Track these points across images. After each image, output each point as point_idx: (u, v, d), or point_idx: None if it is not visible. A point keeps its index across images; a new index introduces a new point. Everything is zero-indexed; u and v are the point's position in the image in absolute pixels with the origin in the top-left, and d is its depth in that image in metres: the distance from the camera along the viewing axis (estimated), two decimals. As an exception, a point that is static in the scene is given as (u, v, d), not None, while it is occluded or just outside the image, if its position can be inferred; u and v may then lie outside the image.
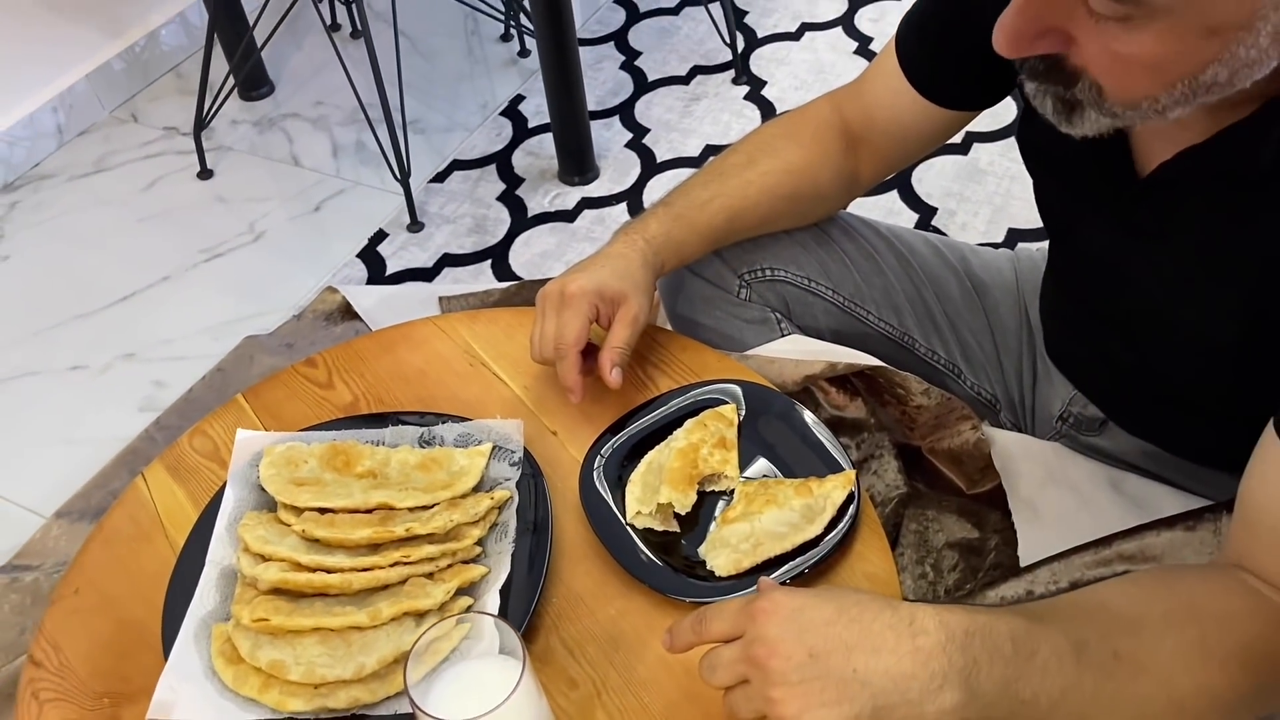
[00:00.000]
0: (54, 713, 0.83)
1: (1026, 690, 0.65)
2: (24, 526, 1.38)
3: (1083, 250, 0.92)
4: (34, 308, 1.72)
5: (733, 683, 0.68)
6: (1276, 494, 0.70)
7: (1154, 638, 0.68)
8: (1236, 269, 0.74)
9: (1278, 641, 0.68)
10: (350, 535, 0.85)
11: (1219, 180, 0.73)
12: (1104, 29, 0.63)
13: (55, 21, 2.01)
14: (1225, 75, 0.63)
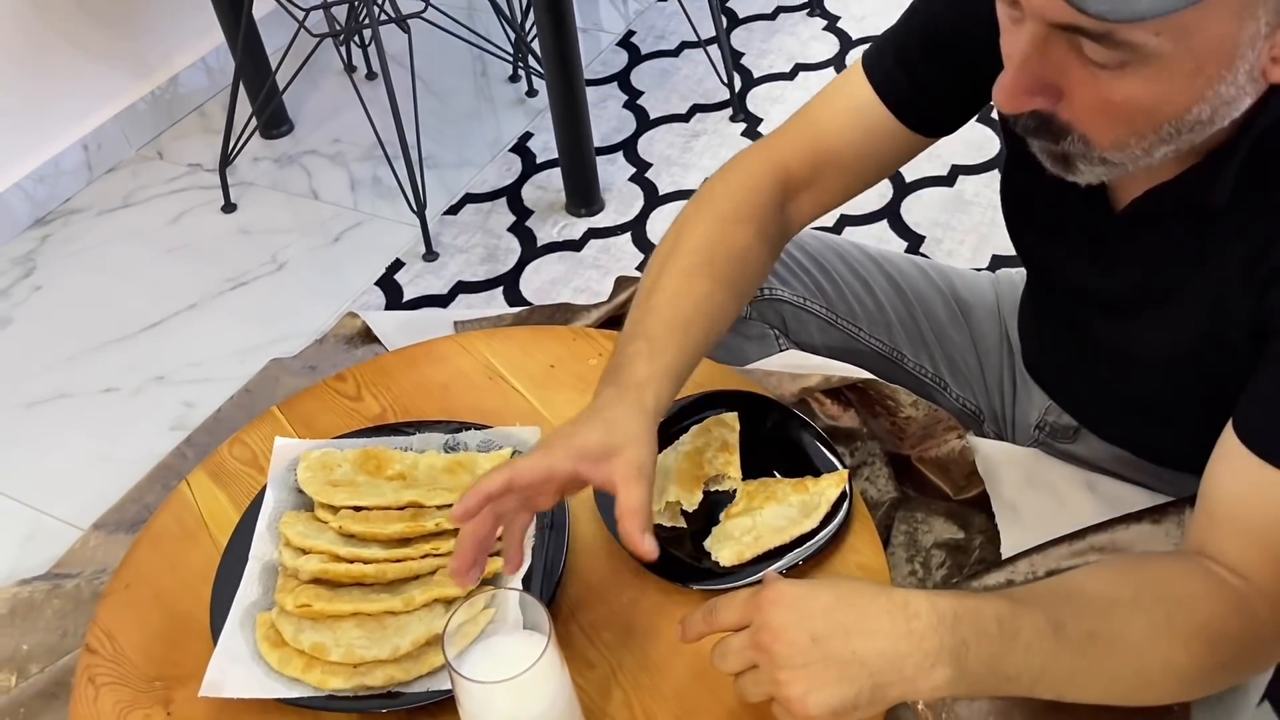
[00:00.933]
0: (109, 695, 0.88)
1: (1010, 667, 0.70)
2: (63, 538, 1.43)
3: (1059, 281, 0.97)
4: (67, 334, 1.78)
5: (742, 668, 0.72)
6: (1234, 487, 0.75)
7: (1124, 618, 0.73)
8: (1196, 291, 0.79)
9: (1235, 622, 0.72)
10: (384, 530, 0.91)
11: (1183, 214, 0.78)
12: (1097, 78, 0.66)
13: (85, 65, 2.09)
14: (1208, 113, 0.67)
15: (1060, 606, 0.73)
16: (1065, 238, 0.92)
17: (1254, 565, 0.73)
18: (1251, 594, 0.72)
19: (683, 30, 2.33)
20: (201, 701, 0.85)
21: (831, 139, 0.97)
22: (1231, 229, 0.75)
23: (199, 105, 2.31)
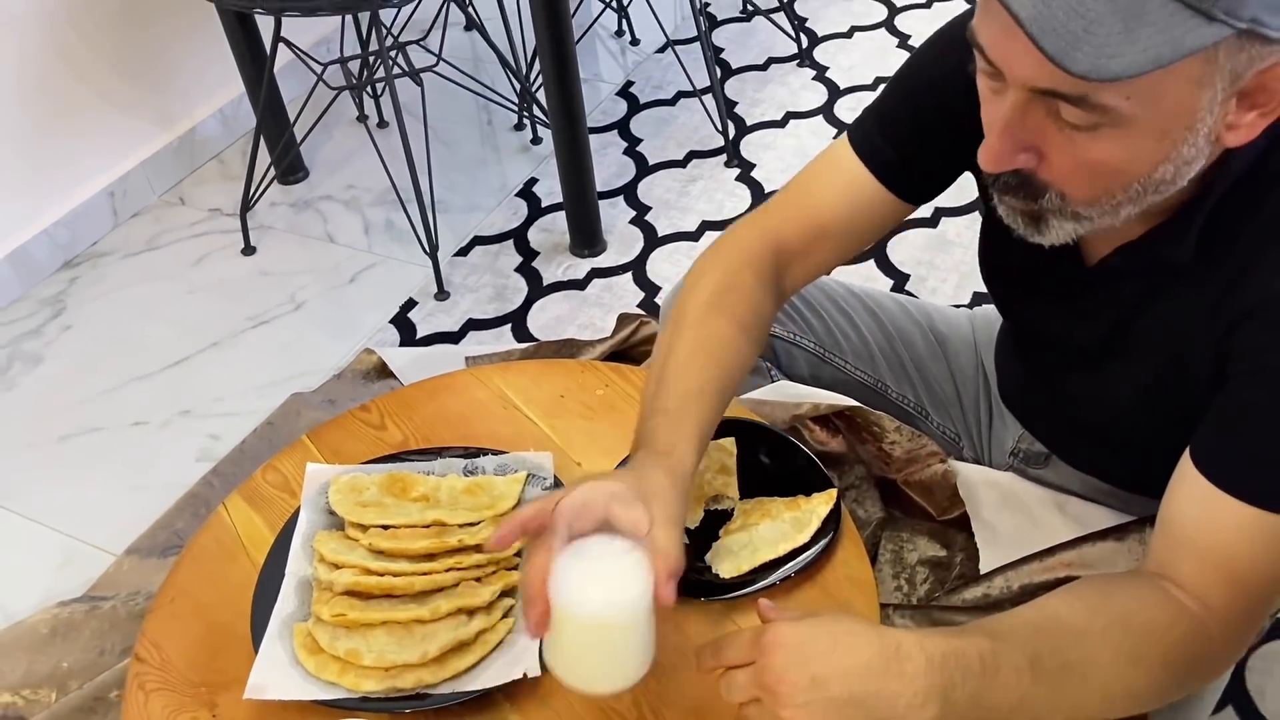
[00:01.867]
0: (158, 700, 0.94)
1: (991, 701, 0.75)
2: (97, 562, 1.48)
3: (1035, 332, 1.02)
4: (96, 371, 1.84)
5: (746, 700, 0.77)
6: (1190, 511, 0.80)
7: (1094, 650, 0.78)
8: (1160, 341, 0.85)
9: (1191, 646, 0.78)
10: (410, 546, 0.97)
11: (1148, 270, 0.84)
12: (1073, 140, 0.71)
13: (111, 116, 2.16)
14: (1171, 173, 0.73)
15: (1037, 640, 0.78)
16: (1040, 294, 0.97)
17: (1207, 587, 0.78)
18: (1206, 616, 0.78)
19: (679, 81, 2.41)
20: (244, 704, 0.91)
21: (825, 211, 1.01)
22: (1193, 283, 0.80)
23: (218, 153, 2.39)
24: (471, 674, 0.89)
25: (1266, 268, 0.75)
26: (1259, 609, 0.79)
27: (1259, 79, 0.68)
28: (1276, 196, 0.76)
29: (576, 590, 0.76)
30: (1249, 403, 0.77)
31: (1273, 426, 0.76)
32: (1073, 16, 0.63)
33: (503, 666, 0.89)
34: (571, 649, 0.80)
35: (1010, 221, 0.81)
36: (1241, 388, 0.77)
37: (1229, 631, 0.78)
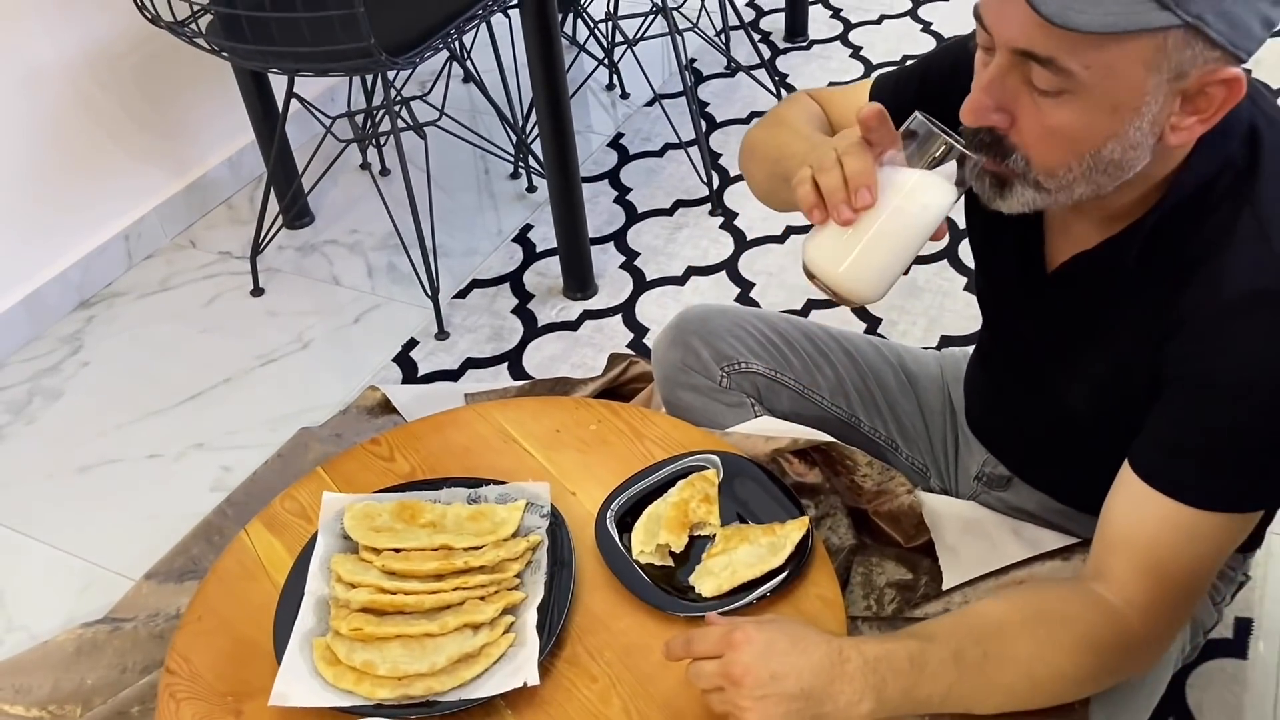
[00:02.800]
0: (188, 708, 1.00)
1: (921, 693, 0.85)
2: (116, 587, 1.54)
3: (1004, 331, 1.12)
4: (113, 405, 1.90)
5: (712, 688, 0.87)
6: (1123, 510, 0.89)
7: (1013, 638, 0.87)
8: (1107, 343, 0.94)
9: (1109, 631, 0.86)
10: (420, 567, 1.04)
11: (1101, 276, 0.93)
12: (1040, 105, 0.80)
13: (128, 164, 2.24)
14: (1119, 153, 0.81)
15: (960, 636, 0.88)
16: (1011, 295, 1.07)
17: (1133, 581, 0.87)
18: (1125, 607, 0.87)
19: (666, 133, 2.50)
20: (268, 710, 0.97)
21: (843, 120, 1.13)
22: (1138, 294, 0.89)
23: (226, 198, 2.47)
24: (476, 683, 0.96)
25: (1198, 284, 0.84)
26: (1179, 601, 0.87)
27: (1200, 82, 0.77)
28: (1215, 220, 0.84)
29: (918, 183, 0.87)
30: (1176, 407, 0.86)
31: (1196, 430, 0.85)
32: None
33: (504, 676, 0.96)
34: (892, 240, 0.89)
35: (979, 189, 0.88)
36: (1171, 394, 0.86)
37: (1150, 621, 0.86)
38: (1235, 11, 0.74)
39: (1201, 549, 0.87)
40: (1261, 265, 0.81)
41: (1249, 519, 0.87)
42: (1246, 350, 0.81)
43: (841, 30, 2.83)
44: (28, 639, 1.48)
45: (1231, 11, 0.74)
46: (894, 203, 0.86)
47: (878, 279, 0.90)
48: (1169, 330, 0.87)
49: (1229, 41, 0.75)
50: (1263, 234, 0.81)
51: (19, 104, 2.00)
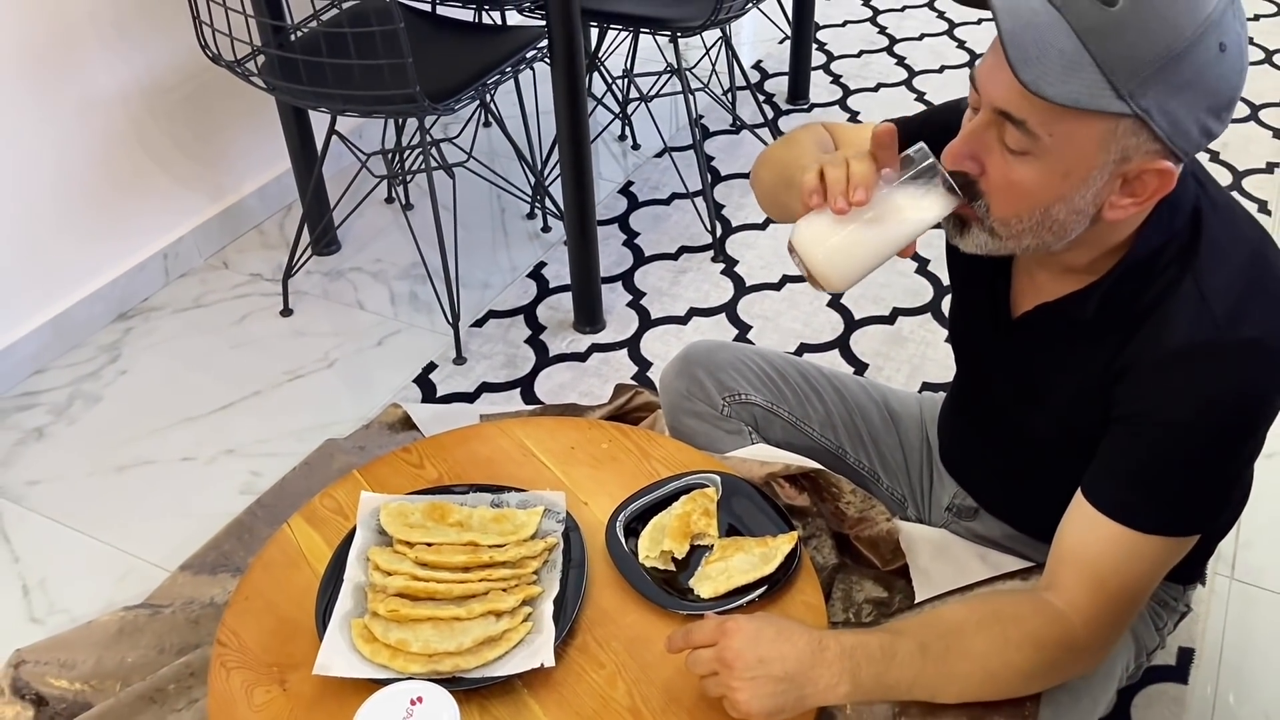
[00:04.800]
0: (238, 676, 1.09)
1: (890, 679, 0.96)
2: (152, 577, 1.62)
3: (975, 373, 1.24)
4: (149, 412, 2.00)
5: (707, 673, 0.97)
6: (1073, 530, 0.99)
7: (971, 635, 0.98)
8: (1065, 385, 1.04)
9: (1053, 630, 0.97)
10: (450, 559, 1.14)
11: (1060, 328, 1.04)
12: (1007, 160, 0.92)
13: (171, 188, 2.35)
14: (1063, 215, 0.93)
15: (926, 631, 0.99)
16: (980, 340, 1.18)
17: (1077, 592, 0.97)
18: (1071, 613, 0.97)
19: (674, 183, 2.63)
20: (309, 680, 1.06)
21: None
22: (1094, 342, 1.00)
23: (258, 224, 2.58)
24: (498, 663, 1.05)
25: (1145, 336, 0.95)
26: (1118, 611, 0.97)
27: (1139, 168, 0.89)
28: (1161, 282, 0.95)
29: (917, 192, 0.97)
30: (1122, 442, 0.97)
31: (1138, 462, 0.95)
32: (1034, 45, 0.84)
33: (523, 658, 1.05)
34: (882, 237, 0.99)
35: (944, 225, 1.00)
36: (1118, 430, 0.97)
37: (1092, 626, 0.96)
38: (1178, 114, 0.86)
39: (1140, 567, 0.97)
40: (1199, 323, 0.92)
41: (1183, 543, 0.98)
42: (1183, 393, 0.93)
43: (840, 96, 2.98)
44: (69, 621, 1.57)
45: (1175, 112, 0.86)
46: (881, 209, 0.97)
47: (848, 270, 1.00)
48: (1119, 374, 0.98)
49: (1169, 137, 0.87)
50: (1201, 297, 0.93)
51: (79, 128, 2.11)
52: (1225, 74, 0.87)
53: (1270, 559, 1.59)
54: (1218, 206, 0.99)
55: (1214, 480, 0.97)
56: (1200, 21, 0.84)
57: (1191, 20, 0.84)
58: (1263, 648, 1.46)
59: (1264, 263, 0.95)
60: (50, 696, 1.39)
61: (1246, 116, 2.77)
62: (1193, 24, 0.84)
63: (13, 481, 1.85)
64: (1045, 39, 0.85)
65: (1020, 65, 0.85)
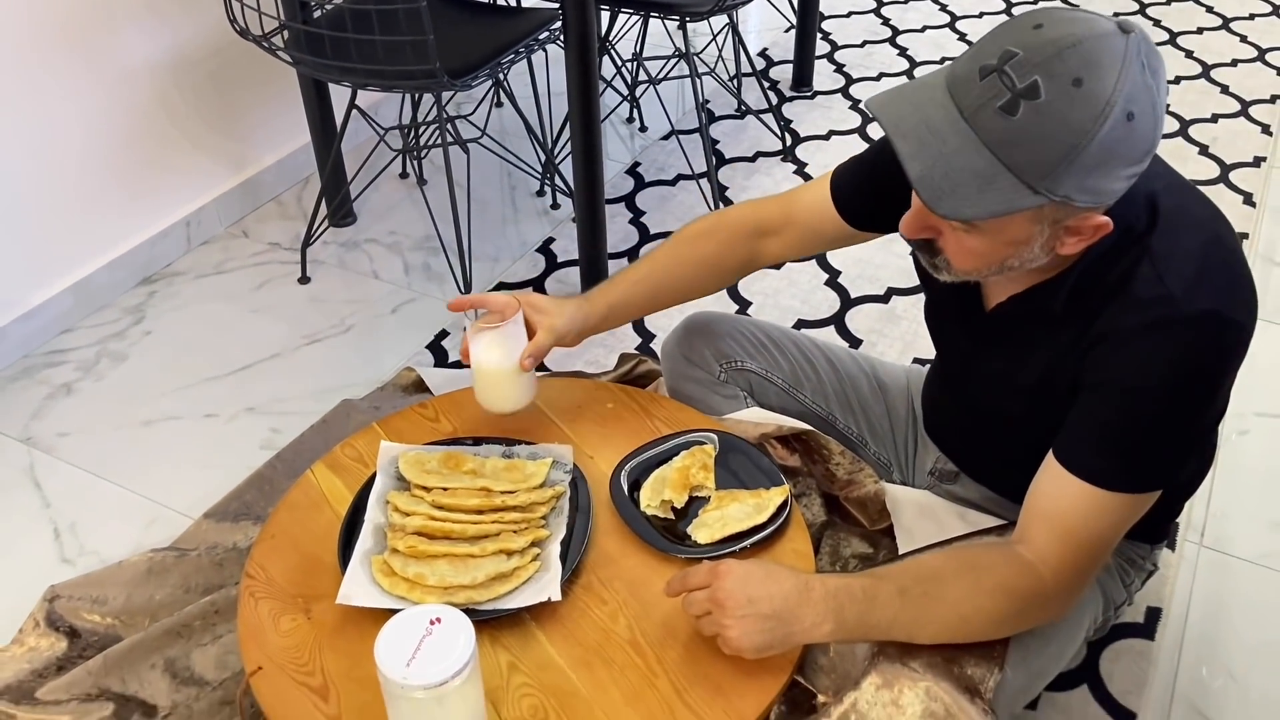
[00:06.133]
0: (265, 605, 1.16)
1: (872, 619, 1.03)
2: (178, 524, 1.68)
3: (954, 358, 1.30)
4: (172, 370, 2.06)
5: (701, 613, 1.04)
6: (1044, 487, 1.06)
7: (948, 582, 1.05)
8: (1037, 366, 1.11)
9: (1023, 579, 1.03)
10: (465, 503, 1.21)
11: (1030, 316, 1.10)
12: (956, 232, 1.00)
13: (195, 159, 2.40)
14: (1018, 264, 1.01)
15: (905, 578, 1.06)
16: (958, 330, 1.25)
17: (1048, 544, 1.04)
18: (1039, 564, 1.04)
19: (680, 165, 2.69)
20: (332, 610, 1.13)
21: (799, 208, 1.33)
22: (1062, 325, 1.07)
23: (276, 195, 2.64)
24: (509, 597, 1.12)
25: (1110, 314, 1.01)
26: (1084, 563, 1.04)
27: (1077, 222, 0.96)
28: (1121, 267, 1.01)
29: (482, 350, 1.28)
30: (1089, 407, 1.03)
31: (1104, 425, 1.02)
32: (944, 179, 0.91)
33: (532, 593, 1.12)
34: (480, 383, 1.33)
35: (927, 265, 1.09)
36: (1086, 397, 1.04)
37: (1059, 576, 1.03)
38: (1098, 185, 0.92)
39: (1105, 521, 1.04)
40: (1158, 299, 0.98)
41: (1146, 499, 1.04)
42: (1146, 362, 0.99)
43: (843, 84, 3.04)
44: (98, 562, 1.64)
45: (1094, 186, 0.92)
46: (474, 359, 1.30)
47: (488, 403, 1.34)
48: (1087, 348, 1.04)
49: (1094, 203, 0.94)
50: (1158, 278, 0.99)
51: (107, 100, 2.18)
52: (1139, 138, 0.91)
53: (1239, 529, 1.66)
54: (1171, 190, 1.04)
55: (1174, 441, 1.03)
56: (1100, 111, 0.88)
57: (1090, 113, 0.88)
58: (1228, 609, 1.53)
59: (1218, 240, 1.02)
60: (83, 629, 1.47)
61: (1236, 112, 2.83)
62: (1092, 116, 0.88)
63: (43, 433, 1.92)
64: (954, 167, 0.91)
65: (935, 203, 0.92)
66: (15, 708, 1.35)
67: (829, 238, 1.33)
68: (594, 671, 1.08)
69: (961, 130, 0.91)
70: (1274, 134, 2.74)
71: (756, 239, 1.36)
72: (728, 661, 1.07)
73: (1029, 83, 0.88)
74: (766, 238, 1.36)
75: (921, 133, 0.92)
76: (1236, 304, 0.99)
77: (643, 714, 1.04)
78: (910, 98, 0.95)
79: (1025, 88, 0.88)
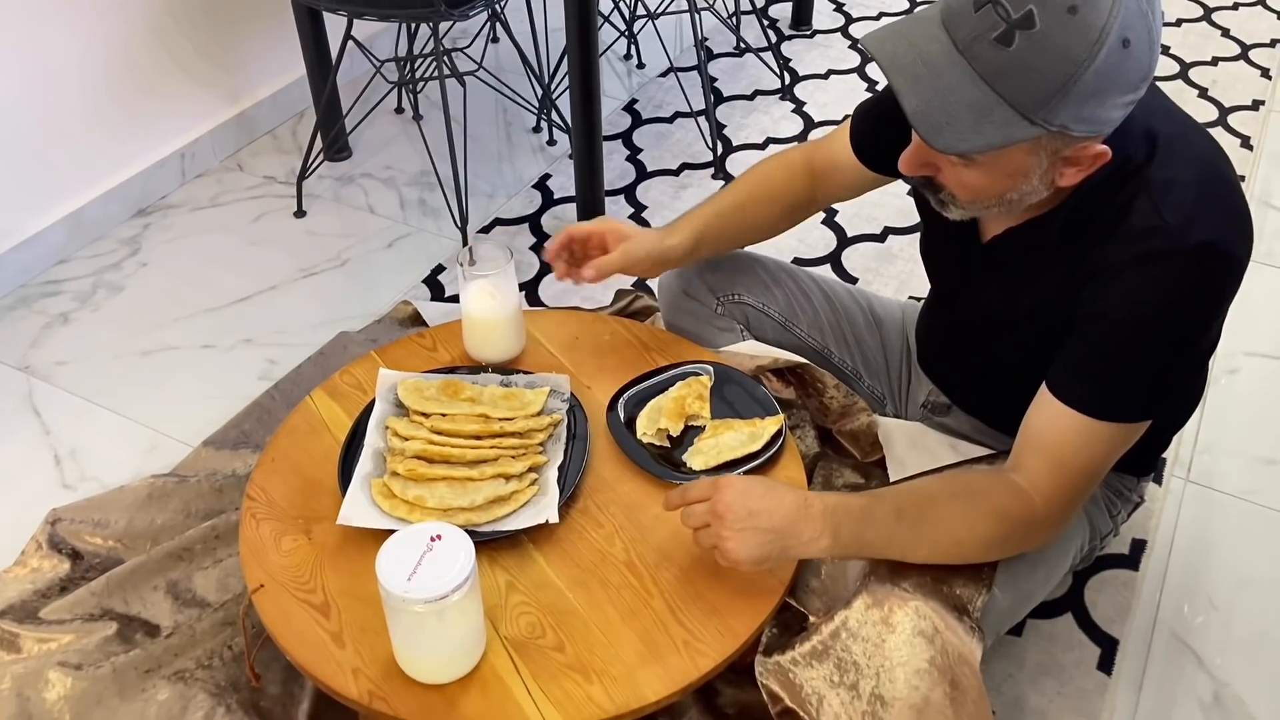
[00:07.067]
0: (266, 526, 1.18)
1: (868, 537, 1.05)
2: (177, 451, 1.69)
3: (948, 291, 1.31)
4: (170, 302, 2.05)
5: (700, 526, 1.06)
6: (1037, 418, 1.07)
7: (943, 505, 1.07)
8: (1031, 297, 1.11)
9: (1015, 504, 1.05)
10: (463, 428, 1.22)
11: (1025, 249, 1.11)
12: (955, 167, 1.00)
13: (189, 90, 2.38)
14: (1017, 197, 1.02)
15: (902, 499, 1.08)
16: (953, 262, 1.25)
17: (1038, 472, 1.06)
18: (1031, 491, 1.06)
19: (677, 102, 2.67)
20: (333, 531, 1.15)
21: (835, 155, 1.34)
22: (1058, 257, 1.08)
23: (271, 129, 2.62)
24: (507, 519, 1.15)
25: (1106, 246, 1.02)
26: (1074, 490, 1.06)
27: (1074, 153, 0.96)
28: (1118, 200, 1.02)
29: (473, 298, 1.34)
30: (1083, 339, 1.04)
31: (1097, 355, 1.03)
32: (940, 113, 0.91)
33: (530, 516, 1.14)
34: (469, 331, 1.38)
35: (933, 203, 1.09)
36: (1081, 327, 1.04)
37: (1050, 503, 1.05)
38: (1095, 114, 0.92)
39: (1095, 450, 1.05)
40: (1153, 231, 0.99)
41: (1136, 428, 1.06)
42: (1140, 293, 1.00)
43: (843, 23, 3.01)
44: (99, 487, 1.65)
45: (1091, 115, 0.92)
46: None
47: (477, 350, 1.38)
48: (1082, 280, 1.05)
49: (1092, 133, 0.94)
50: (1155, 209, 0.99)
51: (104, 30, 2.15)
52: (1135, 65, 0.91)
53: (1225, 464, 1.68)
54: (1170, 123, 1.04)
55: (1166, 372, 1.04)
56: (1095, 38, 0.88)
57: (1085, 41, 0.88)
58: (1212, 542, 1.56)
59: (1216, 173, 1.02)
60: (85, 552, 1.48)
61: (1236, 55, 2.81)
62: (1087, 44, 0.88)
63: (41, 361, 1.93)
64: (950, 101, 0.91)
65: (932, 137, 0.92)
66: (19, 626, 1.37)
67: (859, 181, 1.34)
68: (590, 591, 1.10)
69: (957, 63, 0.91)
70: (1273, 78, 2.73)
71: (812, 180, 1.38)
72: (722, 582, 1.09)
73: (1024, 12, 0.88)
74: (818, 180, 1.38)
75: (917, 68, 0.92)
76: (1233, 237, 1.00)
77: (638, 631, 1.06)
78: (905, 33, 0.95)
79: (1020, 17, 0.88)
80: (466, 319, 1.35)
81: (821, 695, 1.04)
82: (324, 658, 1.04)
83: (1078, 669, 1.39)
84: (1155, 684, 1.39)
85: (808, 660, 1.06)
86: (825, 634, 1.06)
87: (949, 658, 1.02)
